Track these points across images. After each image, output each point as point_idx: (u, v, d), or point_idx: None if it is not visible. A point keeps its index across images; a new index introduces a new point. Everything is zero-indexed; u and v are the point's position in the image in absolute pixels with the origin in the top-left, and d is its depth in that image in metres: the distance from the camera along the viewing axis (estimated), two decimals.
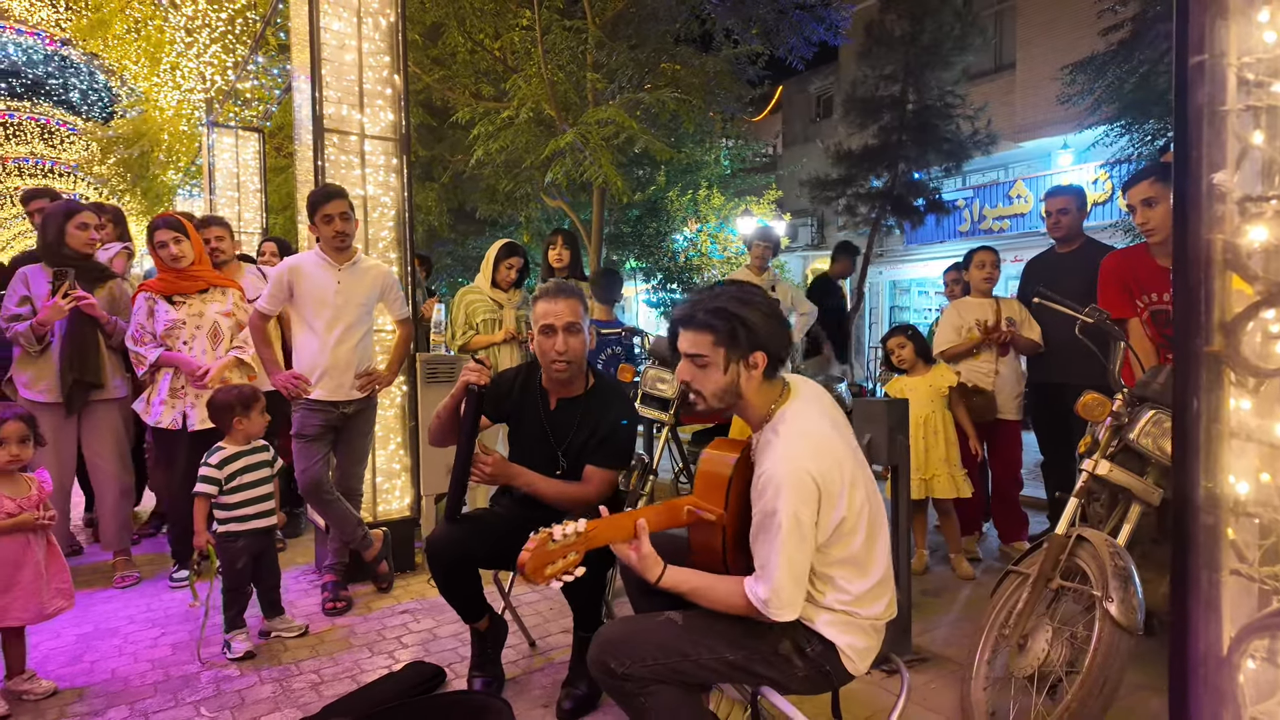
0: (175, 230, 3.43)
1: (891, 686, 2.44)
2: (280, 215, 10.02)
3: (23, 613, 2.39)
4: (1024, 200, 13.45)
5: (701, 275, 14.12)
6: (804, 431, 1.61)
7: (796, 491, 1.52)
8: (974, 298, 4.00)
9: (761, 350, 1.64)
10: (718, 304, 1.65)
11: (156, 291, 3.45)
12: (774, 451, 1.58)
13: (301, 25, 3.63)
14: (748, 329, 1.63)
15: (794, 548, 1.52)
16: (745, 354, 1.64)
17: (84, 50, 10.79)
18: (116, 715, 2.37)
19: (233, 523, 2.79)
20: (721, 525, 1.69)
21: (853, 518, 1.59)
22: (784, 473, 1.53)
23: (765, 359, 1.64)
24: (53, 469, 3.26)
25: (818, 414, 1.67)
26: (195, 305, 3.50)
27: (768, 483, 1.55)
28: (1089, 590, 1.95)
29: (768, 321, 1.65)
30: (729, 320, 1.63)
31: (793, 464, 1.54)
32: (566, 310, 2.35)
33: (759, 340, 1.63)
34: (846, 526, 1.58)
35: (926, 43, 9.39)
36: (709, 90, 7.95)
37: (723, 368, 1.65)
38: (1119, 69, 6.79)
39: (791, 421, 1.63)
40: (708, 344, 1.65)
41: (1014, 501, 3.98)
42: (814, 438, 1.59)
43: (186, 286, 3.49)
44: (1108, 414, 2.20)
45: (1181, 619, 0.79)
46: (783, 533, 1.51)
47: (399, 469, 3.80)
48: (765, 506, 1.55)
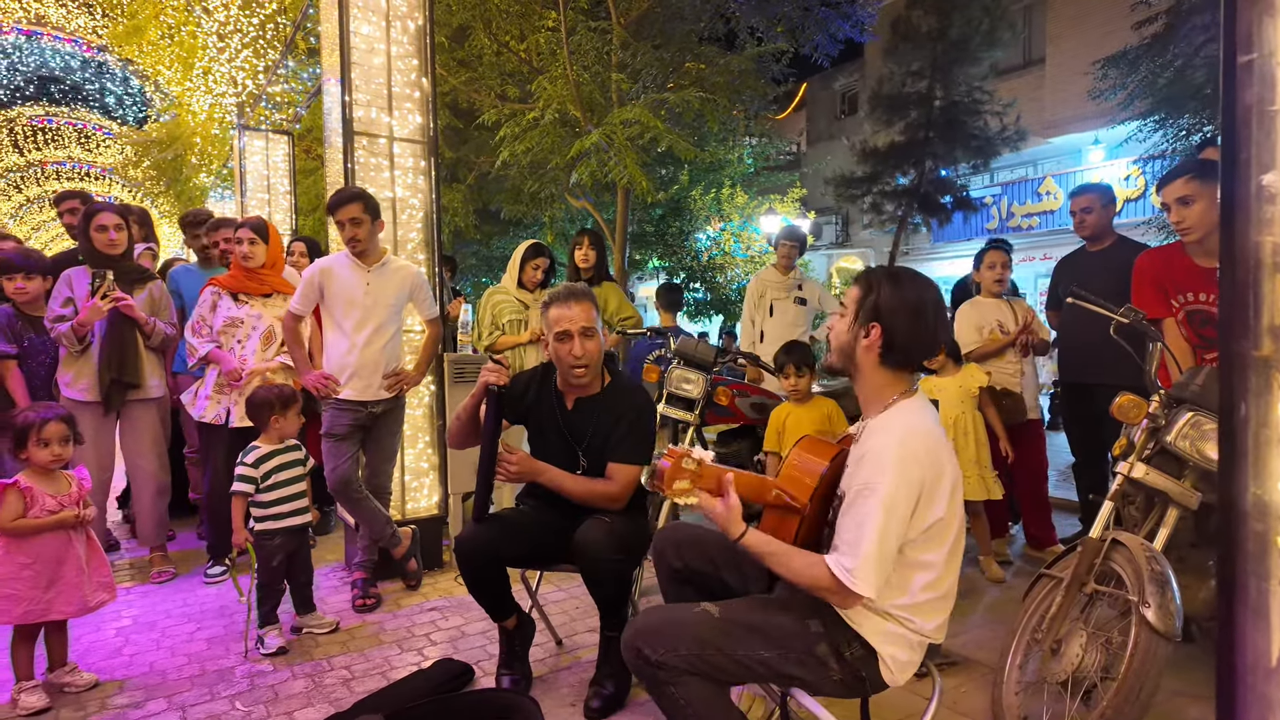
0: (254, 231, 3.57)
1: (921, 690, 2.41)
2: (309, 217, 10.16)
3: (67, 606, 2.46)
4: (1053, 197, 13.25)
5: (724, 274, 14.08)
6: (921, 424, 1.61)
7: (901, 473, 1.53)
8: (987, 298, 3.94)
9: (878, 325, 1.64)
10: (880, 271, 1.71)
11: (224, 287, 3.56)
12: (888, 432, 1.59)
13: (331, 29, 3.68)
14: (878, 299, 1.65)
15: (888, 526, 1.52)
16: (866, 320, 1.66)
17: (119, 56, 11.03)
18: (155, 708, 2.42)
19: (268, 520, 2.84)
20: (802, 515, 1.69)
21: (947, 521, 1.59)
22: (893, 453, 1.54)
23: (880, 336, 1.64)
24: (92, 466, 3.34)
25: (932, 416, 1.68)
26: (257, 307, 3.60)
27: (875, 458, 1.56)
28: (1125, 595, 1.92)
29: (903, 307, 1.64)
30: (872, 283, 1.68)
31: (905, 448, 1.55)
32: (581, 314, 2.34)
33: (880, 315, 1.64)
34: (938, 529, 1.58)
35: (954, 38, 9.30)
36: (733, 89, 7.92)
37: (849, 323, 1.71)
38: (1153, 63, 6.66)
39: (910, 413, 1.64)
40: (854, 296, 1.71)
41: (1045, 504, 3.92)
42: (929, 433, 1.60)
43: (253, 287, 3.60)
44: (1144, 416, 2.17)
45: (1229, 628, 0.78)
46: (881, 508, 1.51)
47: (427, 467, 3.84)
48: (867, 479, 1.55)
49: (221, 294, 3.58)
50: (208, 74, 8.30)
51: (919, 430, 1.60)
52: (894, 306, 1.64)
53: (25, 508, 2.38)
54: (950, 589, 1.66)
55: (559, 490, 2.37)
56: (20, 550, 2.38)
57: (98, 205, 3.63)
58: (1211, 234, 2.66)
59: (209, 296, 3.58)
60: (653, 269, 15.66)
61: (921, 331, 1.65)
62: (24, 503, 2.38)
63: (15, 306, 3.55)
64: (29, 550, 2.39)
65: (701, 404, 3.70)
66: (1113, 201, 3.75)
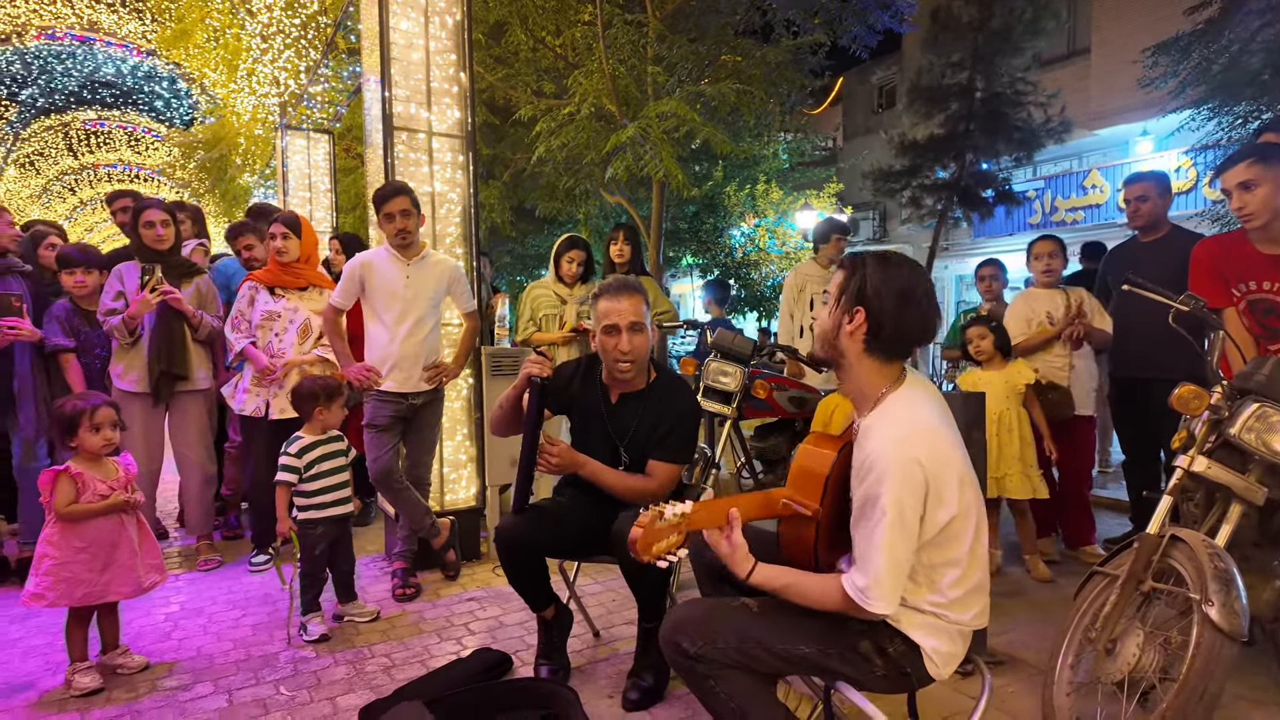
0: (287, 226, 3.63)
1: (968, 689, 2.36)
2: (349, 215, 10.32)
3: (122, 587, 2.52)
4: (1099, 190, 12.88)
5: (759, 270, 13.97)
6: (916, 419, 1.52)
7: (904, 479, 1.45)
8: (1040, 289, 3.85)
9: (863, 310, 1.56)
10: (864, 255, 1.63)
11: (261, 282, 3.63)
12: (881, 435, 1.50)
13: (372, 26, 3.72)
14: (862, 282, 1.57)
15: (896, 538, 1.45)
16: (851, 305, 1.58)
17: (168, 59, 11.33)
18: (203, 690, 2.47)
19: (311, 510, 2.88)
20: (816, 521, 1.65)
21: (962, 518, 1.52)
22: (891, 457, 1.45)
23: (864, 321, 1.56)
24: (141, 455, 3.44)
25: (931, 406, 1.58)
26: (294, 300, 3.66)
27: (872, 466, 1.47)
28: (1185, 593, 1.84)
29: (890, 290, 1.55)
30: (856, 266, 1.60)
31: (902, 450, 1.46)
32: (630, 309, 2.31)
33: (865, 299, 1.56)
34: (955, 526, 1.51)
35: (996, 28, 9.07)
36: (770, 81, 7.84)
37: (832, 308, 1.63)
38: (1206, 49, 6.43)
39: (904, 408, 1.55)
40: (837, 280, 1.63)
41: (1085, 503, 3.81)
42: (927, 428, 1.51)
43: (289, 281, 3.66)
44: (1205, 407, 2.08)
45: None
46: (886, 520, 1.44)
47: (465, 459, 3.86)
48: (868, 491, 1.48)
49: (259, 288, 3.65)
50: (251, 75, 8.48)
51: (915, 426, 1.51)
52: (880, 290, 1.55)
53: (78, 493, 2.45)
54: (981, 580, 1.60)
55: (598, 483, 2.36)
56: (75, 535, 2.45)
57: (146, 202, 3.73)
58: (1275, 220, 2.55)
59: (246, 291, 3.66)
60: (686, 266, 15.61)
61: (911, 316, 1.56)
62: (76, 488, 2.45)
63: (72, 301, 3.66)
64: (84, 535, 2.45)
65: (739, 397, 3.66)
66: (1169, 190, 3.62)
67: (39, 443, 3.57)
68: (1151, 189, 3.58)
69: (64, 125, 18.48)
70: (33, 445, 3.55)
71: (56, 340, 3.53)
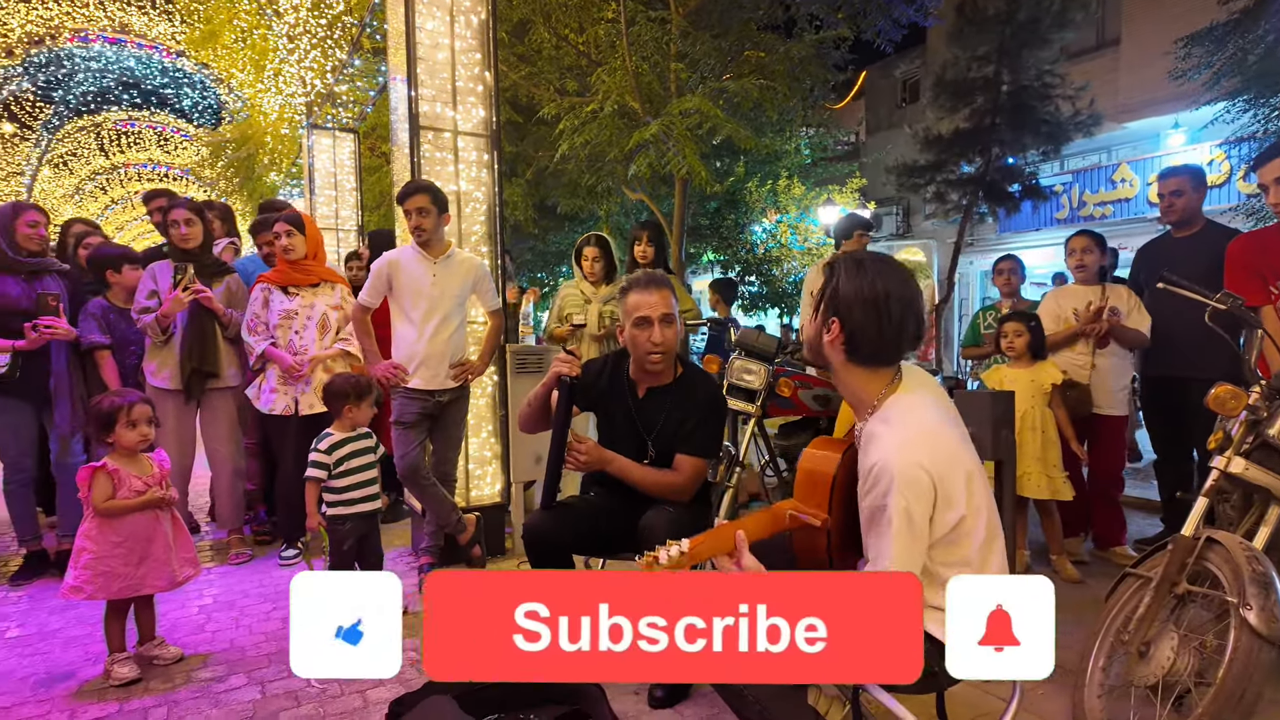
0: (291, 224, 3.66)
1: (998, 690, 2.34)
2: (374, 213, 10.42)
3: (158, 580, 2.58)
4: (1128, 184, 12.65)
5: (781, 267, 13.90)
6: (918, 423, 1.51)
7: (909, 486, 1.44)
8: (1076, 285, 3.80)
9: (837, 320, 1.54)
10: (843, 260, 1.58)
11: (273, 283, 3.67)
12: (884, 442, 1.49)
13: (397, 26, 3.75)
14: (835, 292, 1.55)
15: (905, 546, 1.45)
16: (827, 314, 1.57)
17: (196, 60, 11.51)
18: (237, 682, 2.52)
19: (340, 506, 2.92)
20: (826, 529, 1.65)
21: (972, 516, 1.51)
22: (896, 465, 1.45)
23: (840, 332, 1.54)
24: (174, 451, 3.49)
25: (931, 406, 1.57)
26: (307, 297, 3.70)
27: (879, 475, 1.47)
28: (1221, 596, 1.82)
29: (859, 300, 1.52)
30: (833, 270, 1.57)
31: (905, 457, 1.45)
32: (660, 301, 2.33)
33: (838, 309, 1.54)
34: (966, 526, 1.50)
35: (1023, 20, 8.93)
36: (793, 77, 7.80)
37: (812, 316, 1.61)
38: (1241, 39, 6.29)
39: (904, 412, 1.54)
40: (816, 284, 1.61)
41: (1114, 503, 3.75)
42: (929, 431, 1.50)
43: (299, 279, 3.70)
44: (1243, 407, 2.04)
45: None
46: (893, 529, 1.44)
47: (490, 456, 3.89)
48: (875, 501, 1.48)
49: (271, 289, 3.69)
50: (278, 75, 8.58)
51: (916, 430, 1.49)
52: (850, 299, 1.51)
53: (114, 489, 2.51)
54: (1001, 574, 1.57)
55: (626, 479, 2.37)
56: (112, 530, 2.50)
57: (174, 201, 3.79)
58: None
59: (259, 294, 3.68)
60: (707, 262, 15.57)
61: (884, 328, 1.51)
62: (113, 484, 2.50)
63: (108, 299, 3.73)
64: (120, 530, 2.51)
65: (763, 395, 3.65)
66: (1205, 184, 3.55)
67: (75, 439, 3.65)
68: (1187, 183, 3.51)
69: (96, 125, 18.84)
70: (69, 441, 3.64)
71: (93, 337, 3.61)
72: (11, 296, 3.45)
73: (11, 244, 3.47)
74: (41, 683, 2.56)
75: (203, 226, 3.74)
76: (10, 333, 3.40)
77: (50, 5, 12.04)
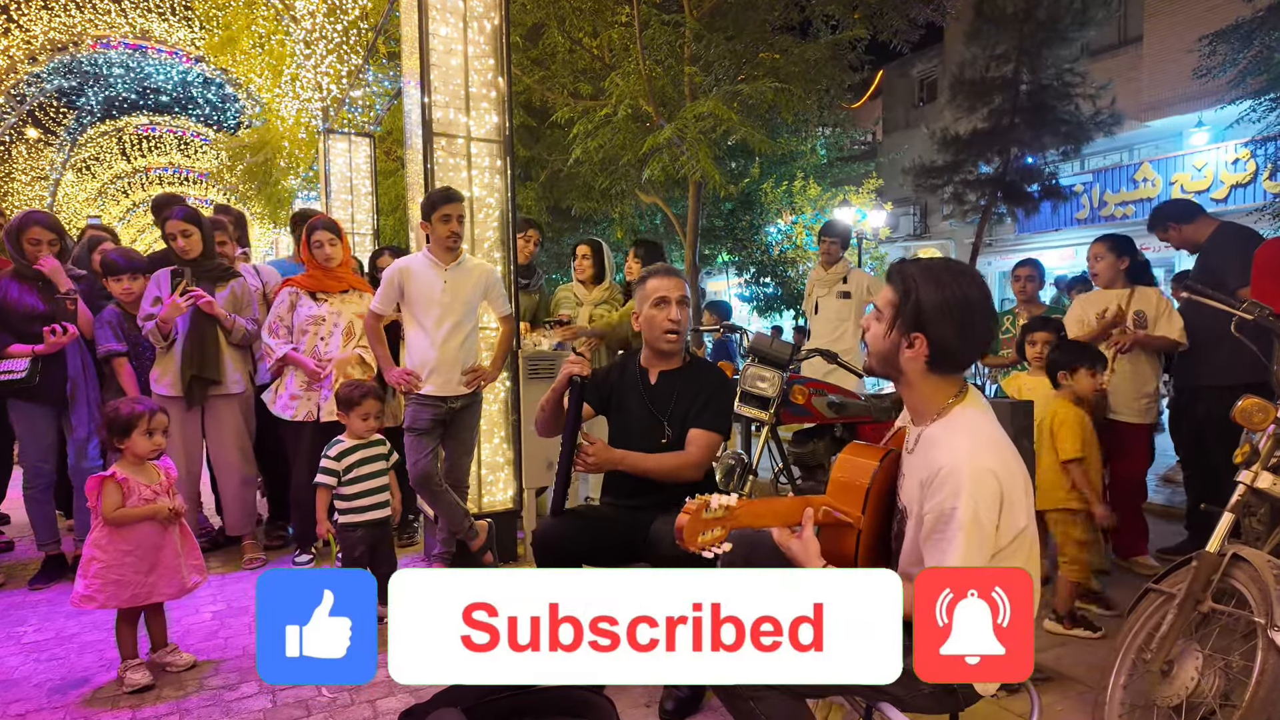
0: (332, 232, 3.70)
1: (1014, 706, 2.29)
2: (390, 217, 10.46)
3: (168, 588, 2.59)
4: (1151, 184, 12.48)
5: (796, 268, 13.82)
6: (987, 432, 1.51)
7: (980, 489, 1.42)
8: (1103, 290, 3.74)
9: (922, 335, 1.52)
10: (913, 268, 1.55)
11: (302, 287, 3.68)
12: (950, 447, 1.47)
13: (411, 32, 3.75)
14: (918, 306, 1.52)
15: (973, 550, 1.42)
16: (906, 330, 1.54)
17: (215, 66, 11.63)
18: (248, 690, 2.53)
19: (351, 513, 2.92)
20: (858, 530, 1.62)
21: (1029, 529, 1.50)
22: (966, 470, 1.42)
23: (926, 348, 1.52)
24: (180, 459, 3.51)
25: (991, 418, 1.57)
26: (336, 304, 3.71)
27: (945, 480, 1.44)
28: (1248, 615, 1.76)
29: (948, 312, 1.50)
30: (909, 285, 1.53)
31: (976, 461, 1.43)
32: (676, 285, 2.49)
33: (924, 325, 1.51)
34: (1028, 536, 1.49)
35: (1043, 18, 8.82)
36: (809, 78, 7.74)
37: (886, 330, 1.58)
38: (1268, 36, 6.17)
39: (970, 420, 1.52)
40: (889, 299, 1.58)
41: (1137, 512, 3.68)
42: (995, 440, 1.50)
43: (331, 285, 3.73)
44: (1270, 421, 1.98)
45: None
46: (962, 533, 1.41)
47: (502, 462, 3.89)
48: (942, 503, 1.44)
49: (300, 294, 3.69)
50: (295, 80, 8.66)
51: (987, 438, 1.49)
52: (938, 313, 1.50)
53: (123, 497, 2.52)
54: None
55: (639, 472, 2.38)
56: (122, 538, 2.51)
57: (169, 213, 3.74)
58: None
59: (286, 297, 3.69)
60: (721, 264, 15.52)
61: (973, 336, 1.52)
62: (122, 493, 2.51)
63: (120, 306, 3.75)
64: (130, 538, 2.52)
65: (777, 402, 3.61)
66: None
67: (90, 443, 3.67)
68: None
69: (118, 130, 19.13)
70: (85, 446, 3.66)
71: (109, 345, 3.62)
72: (29, 303, 3.48)
73: (21, 255, 3.50)
74: (56, 689, 2.58)
75: (201, 233, 3.70)
76: (29, 338, 3.43)
77: (73, 12, 12.23)
